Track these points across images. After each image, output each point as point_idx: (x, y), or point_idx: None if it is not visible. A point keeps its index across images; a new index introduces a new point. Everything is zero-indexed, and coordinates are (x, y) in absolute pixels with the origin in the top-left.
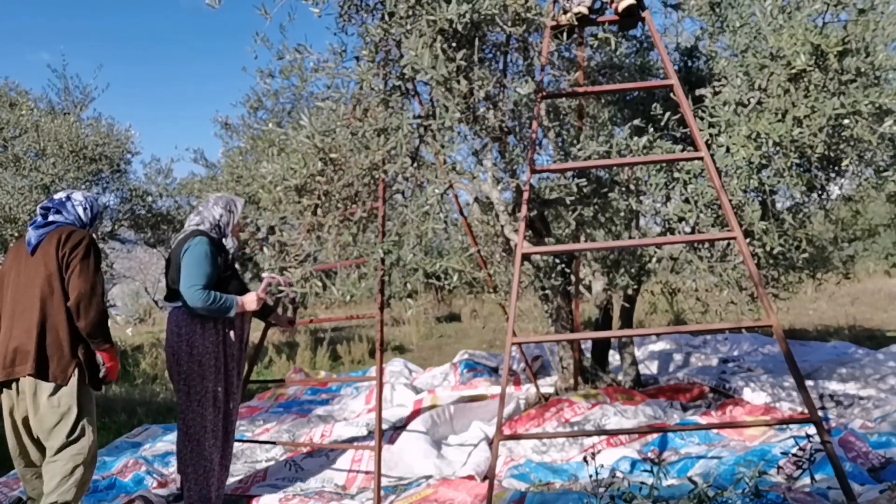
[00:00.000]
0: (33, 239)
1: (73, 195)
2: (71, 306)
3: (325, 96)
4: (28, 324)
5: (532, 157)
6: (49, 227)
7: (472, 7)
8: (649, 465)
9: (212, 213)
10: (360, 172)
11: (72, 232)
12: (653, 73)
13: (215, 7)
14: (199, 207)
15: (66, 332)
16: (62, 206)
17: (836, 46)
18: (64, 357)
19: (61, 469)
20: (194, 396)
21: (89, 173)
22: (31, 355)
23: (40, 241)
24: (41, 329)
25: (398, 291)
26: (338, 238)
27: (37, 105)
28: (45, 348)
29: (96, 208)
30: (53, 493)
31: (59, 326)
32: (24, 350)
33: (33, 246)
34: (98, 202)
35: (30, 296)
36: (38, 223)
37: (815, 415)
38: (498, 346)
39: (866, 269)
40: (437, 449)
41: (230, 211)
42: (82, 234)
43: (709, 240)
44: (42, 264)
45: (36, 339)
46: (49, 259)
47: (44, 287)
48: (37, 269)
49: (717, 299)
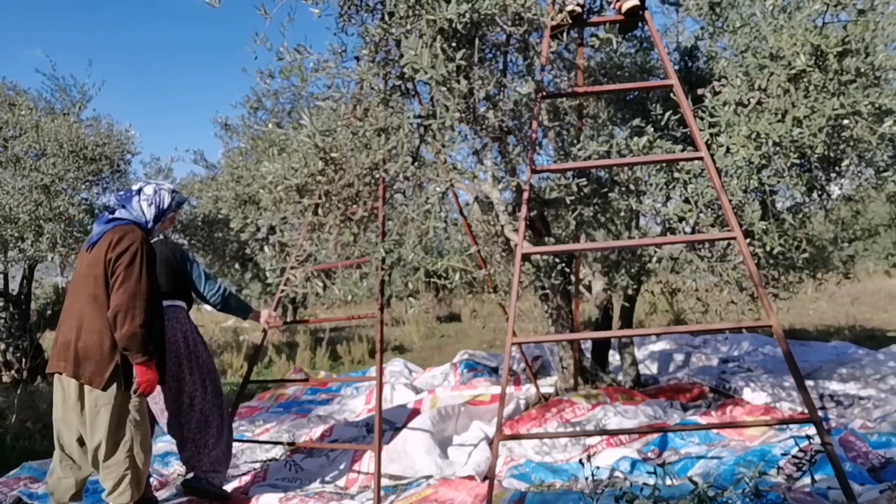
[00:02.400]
0: (94, 235)
1: (145, 188)
2: (109, 317)
3: (326, 96)
4: (72, 322)
5: (532, 157)
6: (111, 225)
7: (471, 7)
8: (652, 465)
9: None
10: (361, 172)
11: (123, 236)
12: (653, 73)
13: (215, 6)
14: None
15: (106, 338)
16: (129, 200)
17: (836, 47)
18: (101, 362)
19: (113, 475)
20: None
21: (89, 173)
22: (71, 355)
23: (99, 239)
24: (81, 331)
25: (399, 291)
26: (338, 238)
27: (36, 105)
28: (84, 351)
29: (163, 203)
30: (111, 496)
31: (100, 331)
32: (66, 349)
33: (91, 243)
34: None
35: (78, 295)
36: (104, 219)
37: (815, 415)
38: (498, 346)
39: (866, 269)
40: (437, 449)
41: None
42: (131, 240)
43: (709, 240)
44: (93, 265)
45: (75, 340)
46: (98, 261)
47: (89, 289)
48: (88, 268)
49: (717, 299)
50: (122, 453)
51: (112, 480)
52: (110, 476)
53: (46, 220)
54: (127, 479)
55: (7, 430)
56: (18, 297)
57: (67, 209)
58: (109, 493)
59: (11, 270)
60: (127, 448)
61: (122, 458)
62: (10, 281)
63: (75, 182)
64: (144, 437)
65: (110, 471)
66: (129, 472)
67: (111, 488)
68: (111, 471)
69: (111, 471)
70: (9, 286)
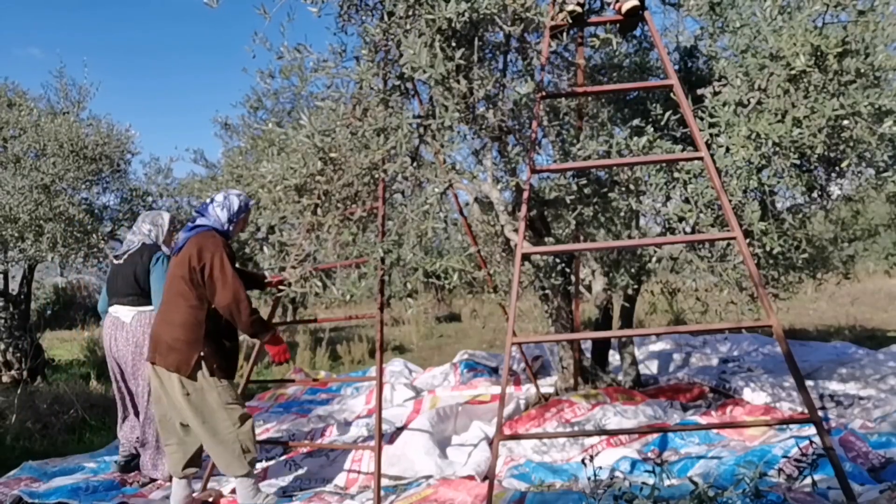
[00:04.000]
0: (180, 241)
1: (216, 197)
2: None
3: (325, 96)
4: (161, 318)
5: (532, 157)
6: (194, 231)
7: (470, 6)
8: (651, 465)
9: (142, 230)
10: (360, 172)
11: (204, 245)
12: (653, 73)
13: (213, 7)
14: (134, 227)
15: (189, 331)
16: (205, 209)
17: (836, 47)
18: (185, 353)
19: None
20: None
21: (89, 173)
22: (162, 346)
23: (184, 245)
24: (168, 326)
25: (398, 291)
26: (337, 238)
27: (36, 105)
28: (171, 342)
29: (232, 207)
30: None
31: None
32: (158, 340)
33: (178, 248)
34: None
35: (169, 293)
36: (187, 227)
37: (815, 415)
38: (498, 346)
39: (866, 269)
40: (437, 449)
41: (156, 224)
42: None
43: (709, 240)
44: (180, 267)
45: (166, 335)
46: (183, 265)
47: (175, 288)
48: (176, 270)
49: (717, 299)
50: (223, 433)
51: (222, 459)
52: (219, 456)
53: (46, 219)
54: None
55: (7, 430)
56: (18, 297)
57: (67, 209)
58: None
59: (11, 270)
60: (226, 428)
61: (224, 437)
62: (10, 281)
63: (75, 182)
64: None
65: (217, 452)
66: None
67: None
68: (218, 451)
69: (218, 451)
70: (9, 286)
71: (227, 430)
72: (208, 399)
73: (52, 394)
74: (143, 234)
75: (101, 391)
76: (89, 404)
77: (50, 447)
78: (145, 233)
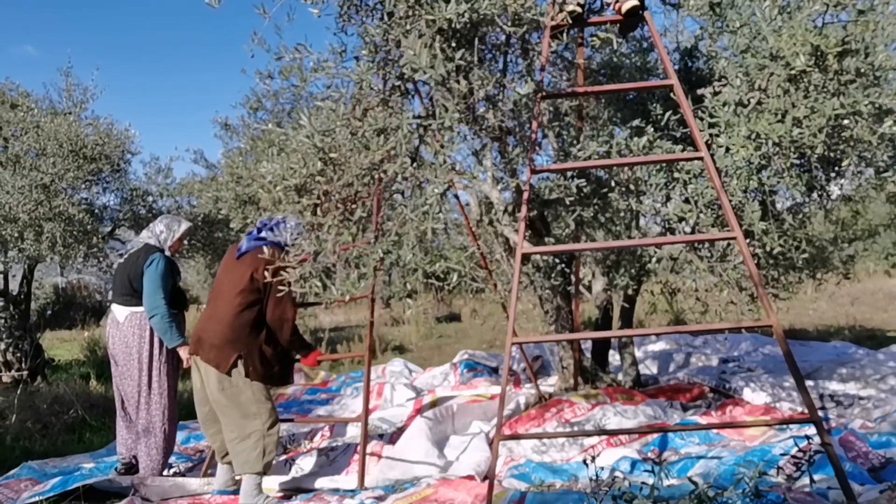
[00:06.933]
0: (244, 246)
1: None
2: (272, 328)
3: (325, 96)
4: (211, 315)
5: (532, 157)
6: (259, 242)
7: (470, 7)
8: (650, 465)
9: (154, 230)
10: (360, 172)
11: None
12: (653, 73)
13: (214, 7)
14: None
15: (230, 330)
16: (277, 225)
17: (836, 47)
18: (224, 351)
19: (248, 449)
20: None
21: (89, 173)
22: (205, 343)
23: (248, 251)
24: (213, 323)
25: (398, 291)
26: (337, 238)
27: (38, 105)
28: (214, 338)
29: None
30: (245, 466)
31: (226, 323)
32: (202, 336)
33: (241, 253)
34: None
35: (221, 294)
36: (253, 235)
37: (815, 415)
38: (498, 346)
39: (866, 269)
40: (436, 449)
41: (171, 229)
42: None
43: (709, 240)
44: (239, 273)
45: (211, 331)
46: (244, 274)
47: (230, 291)
48: (235, 274)
49: (717, 299)
50: (249, 432)
51: (242, 457)
52: (239, 453)
53: (46, 219)
54: (256, 452)
55: (7, 430)
56: (18, 296)
57: (67, 209)
58: (240, 467)
59: (11, 270)
60: (254, 427)
61: (250, 435)
62: (10, 281)
63: (75, 181)
64: (272, 419)
65: (238, 448)
66: (259, 445)
67: (241, 464)
68: (240, 448)
69: (240, 448)
70: (9, 286)
71: (254, 429)
72: (241, 398)
73: (52, 394)
74: (154, 235)
75: (101, 391)
76: (89, 404)
77: (50, 447)
78: (156, 233)
